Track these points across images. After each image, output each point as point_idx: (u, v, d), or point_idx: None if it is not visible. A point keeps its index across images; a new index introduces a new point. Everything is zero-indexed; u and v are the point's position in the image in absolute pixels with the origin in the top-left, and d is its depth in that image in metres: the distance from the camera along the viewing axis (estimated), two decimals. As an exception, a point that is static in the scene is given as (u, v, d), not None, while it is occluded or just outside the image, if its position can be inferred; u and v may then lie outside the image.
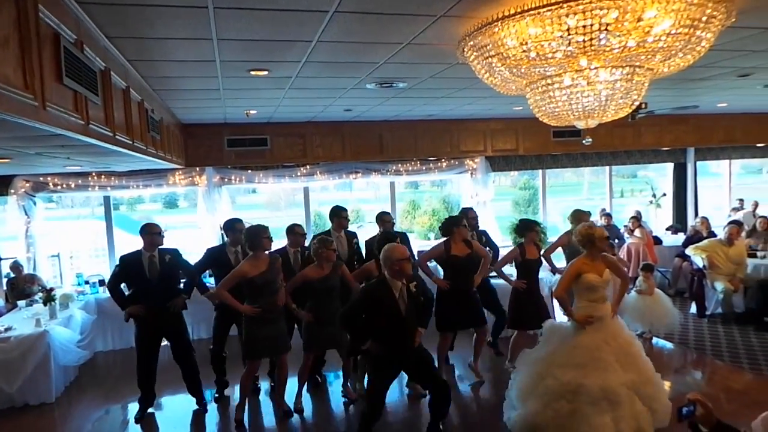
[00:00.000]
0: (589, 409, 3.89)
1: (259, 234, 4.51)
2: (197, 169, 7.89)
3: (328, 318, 4.72)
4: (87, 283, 7.08)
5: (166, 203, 21.21)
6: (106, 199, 7.99)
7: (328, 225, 5.79)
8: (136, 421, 5.05)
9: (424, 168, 8.76)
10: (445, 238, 5.36)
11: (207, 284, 5.49)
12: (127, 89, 3.77)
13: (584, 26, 2.82)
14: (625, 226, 8.63)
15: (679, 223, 10.13)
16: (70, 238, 11.02)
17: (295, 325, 5.34)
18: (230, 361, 5.48)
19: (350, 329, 4.19)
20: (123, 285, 4.99)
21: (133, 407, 5.34)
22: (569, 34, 2.86)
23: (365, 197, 18.08)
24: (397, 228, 6.41)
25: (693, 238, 8.04)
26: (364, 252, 5.85)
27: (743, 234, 7.62)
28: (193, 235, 8.70)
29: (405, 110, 7.18)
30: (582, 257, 4.33)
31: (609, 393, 3.89)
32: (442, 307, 5.18)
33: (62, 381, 5.74)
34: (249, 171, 8.10)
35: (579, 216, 5.84)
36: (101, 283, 7.02)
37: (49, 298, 5.89)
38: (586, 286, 4.24)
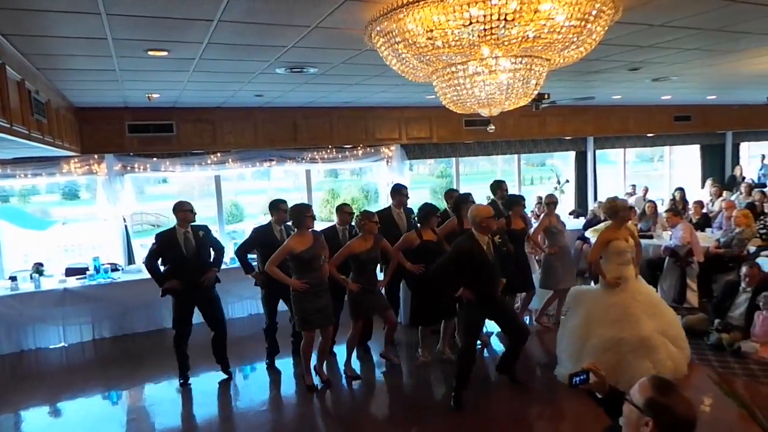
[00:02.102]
0: (630, 357, 4.54)
1: (302, 213, 4.86)
2: (95, 156, 7.33)
3: (371, 287, 5.19)
4: (-33, 282, 6.41)
5: (65, 194, 19.63)
6: (-11, 189, 7.25)
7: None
8: (181, 386, 5.34)
9: (340, 156, 8.71)
10: (452, 218, 5.75)
11: (252, 264, 5.69)
12: (2, 66, 3.40)
13: (485, 16, 2.89)
14: (532, 211, 9.11)
15: (580, 208, 10.82)
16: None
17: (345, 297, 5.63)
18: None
19: (443, 281, 4.58)
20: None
21: (26, 414, 5.06)
22: (471, 23, 2.92)
23: (284, 186, 17.70)
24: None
25: (592, 222, 8.63)
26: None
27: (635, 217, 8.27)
28: (97, 228, 8.08)
29: (319, 97, 7.08)
30: (609, 227, 4.98)
31: (645, 340, 4.56)
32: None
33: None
34: (154, 159, 7.64)
35: (550, 199, 6.60)
36: (-16, 282, 6.41)
37: None
38: (615, 251, 4.84)
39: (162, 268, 5.25)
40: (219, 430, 4.65)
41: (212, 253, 5.37)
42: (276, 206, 5.53)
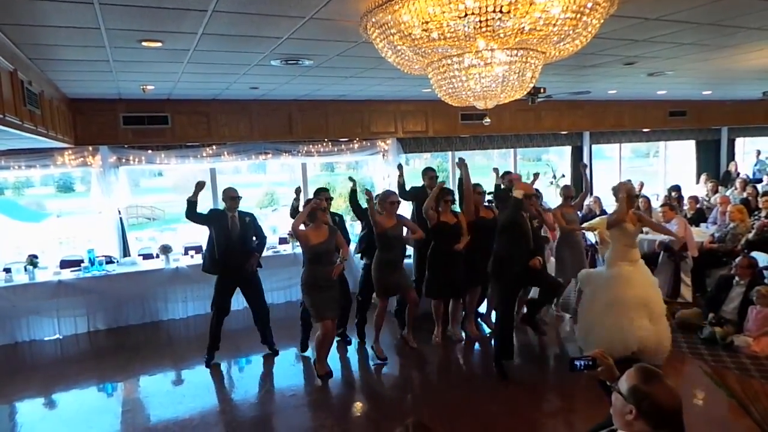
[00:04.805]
0: (632, 314, 4.86)
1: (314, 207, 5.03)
2: (90, 148, 7.28)
3: (393, 265, 5.48)
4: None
5: (60, 186, 19.53)
6: (-18, 181, 7.20)
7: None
8: (206, 366, 5.56)
9: (336, 149, 8.68)
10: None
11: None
12: (-7, 56, 3.38)
13: (480, 7, 2.88)
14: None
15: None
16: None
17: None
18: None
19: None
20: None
21: (21, 405, 5.02)
22: (466, 15, 2.91)
23: (280, 180, 17.63)
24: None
25: (587, 216, 8.63)
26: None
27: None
28: (92, 220, 8.03)
29: (314, 89, 7.05)
30: (620, 212, 5.19)
31: (642, 299, 4.92)
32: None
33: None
34: (149, 151, 7.60)
35: (567, 192, 6.80)
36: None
37: None
38: (624, 233, 5.16)
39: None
40: (215, 421, 4.65)
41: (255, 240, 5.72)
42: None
